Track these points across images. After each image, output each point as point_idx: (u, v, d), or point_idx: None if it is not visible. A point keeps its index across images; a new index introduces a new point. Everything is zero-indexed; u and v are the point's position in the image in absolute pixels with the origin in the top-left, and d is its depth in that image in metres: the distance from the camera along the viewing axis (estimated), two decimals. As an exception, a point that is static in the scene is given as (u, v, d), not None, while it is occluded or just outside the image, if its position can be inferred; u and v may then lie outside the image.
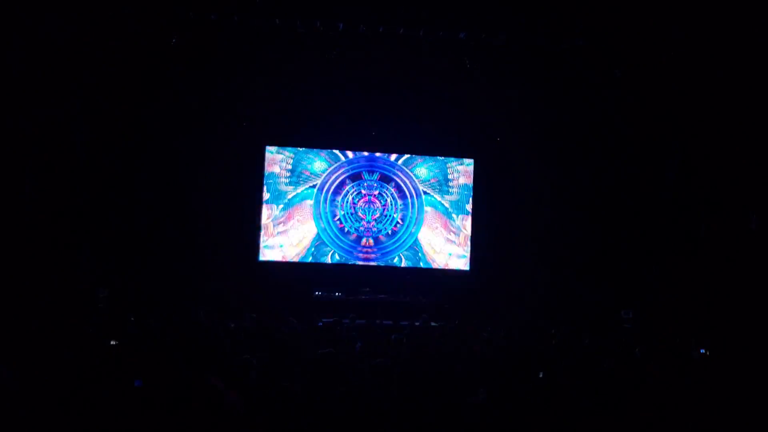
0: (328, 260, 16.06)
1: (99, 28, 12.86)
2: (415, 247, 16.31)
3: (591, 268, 15.14)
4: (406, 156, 16.45)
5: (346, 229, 16.19)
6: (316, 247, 16.08)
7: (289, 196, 16.11)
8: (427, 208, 16.37)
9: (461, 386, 4.54)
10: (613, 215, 15.15)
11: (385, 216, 16.31)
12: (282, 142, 16.22)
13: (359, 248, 16.18)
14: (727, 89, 12.58)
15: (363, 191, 16.31)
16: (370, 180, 16.35)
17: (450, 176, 16.47)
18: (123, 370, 3.99)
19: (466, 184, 16.43)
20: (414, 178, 16.41)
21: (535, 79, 14.75)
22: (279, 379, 5.08)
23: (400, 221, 16.31)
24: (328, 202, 16.20)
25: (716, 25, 11.88)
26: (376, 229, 16.25)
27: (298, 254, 16.03)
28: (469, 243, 16.37)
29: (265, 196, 16.00)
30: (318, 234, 16.11)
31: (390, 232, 16.29)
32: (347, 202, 16.24)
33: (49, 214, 12.55)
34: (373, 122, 16.04)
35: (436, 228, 16.38)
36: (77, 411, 3.75)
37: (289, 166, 16.11)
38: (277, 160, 16.08)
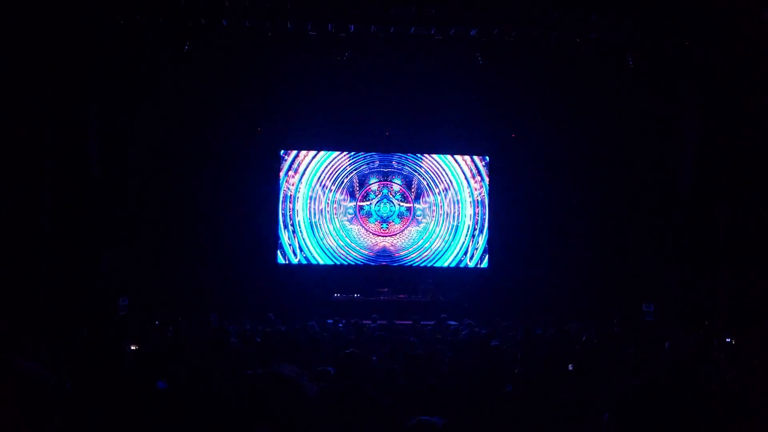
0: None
1: (112, 36, 12.98)
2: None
3: (610, 262, 15.03)
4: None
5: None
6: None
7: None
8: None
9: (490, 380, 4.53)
10: (631, 209, 15.03)
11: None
12: (297, 146, 16.26)
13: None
14: (744, 78, 12.45)
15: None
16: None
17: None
18: (147, 373, 4.01)
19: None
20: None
21: (549, 74, 14.69)
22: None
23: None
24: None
25: (732, 12, 11.76)
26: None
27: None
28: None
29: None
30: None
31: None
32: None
33: (70, 223, 12.67)
34: (386, 122, 16.01)
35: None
36: (102, 415, 3.78)
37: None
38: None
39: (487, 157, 16.43)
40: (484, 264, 16.31)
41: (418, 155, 16.44)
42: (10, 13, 11.01)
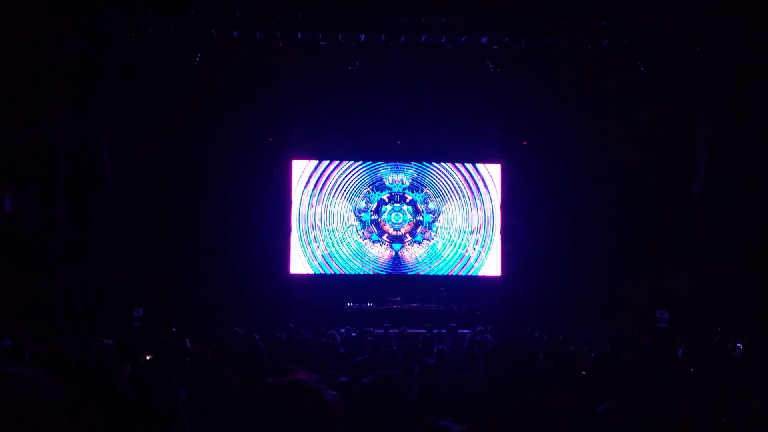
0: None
1: (125, 48, 13.10)
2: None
3: (624, 269, 14.96)
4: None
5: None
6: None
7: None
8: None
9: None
10: (644, 215, 14.97)
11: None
12: (308, 155, 16.32)
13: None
14: (755, 84, 12.41)
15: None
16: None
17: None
18: (164, 382, 4.03)
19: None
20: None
21: (560, 81, 14.67)
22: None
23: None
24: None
25: (743, 18, 11.75)
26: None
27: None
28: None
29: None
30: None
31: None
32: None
33: (84, 234, 12.76)
34: (397, 131, 16.03)
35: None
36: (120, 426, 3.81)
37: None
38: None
39: (499, 165, 16.43)
40: (497, 272, 16.28)
41: (425, 165, 16.46)
42: (23, 27, 11.15)
